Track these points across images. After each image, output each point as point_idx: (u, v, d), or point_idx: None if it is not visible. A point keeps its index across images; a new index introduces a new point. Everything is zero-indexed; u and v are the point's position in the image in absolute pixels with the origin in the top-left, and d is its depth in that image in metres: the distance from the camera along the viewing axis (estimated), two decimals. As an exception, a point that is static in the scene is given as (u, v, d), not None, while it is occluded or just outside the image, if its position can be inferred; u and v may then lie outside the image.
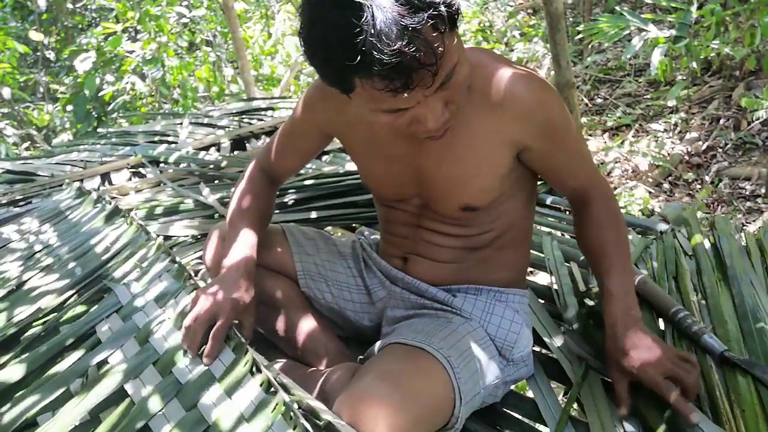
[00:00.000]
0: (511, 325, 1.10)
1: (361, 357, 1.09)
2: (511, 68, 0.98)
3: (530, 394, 1.13)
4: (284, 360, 1.19)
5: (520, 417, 1.07)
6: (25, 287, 1.43)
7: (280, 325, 1.20)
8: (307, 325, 1.19)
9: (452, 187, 1.04)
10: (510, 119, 0.97)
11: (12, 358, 1.17)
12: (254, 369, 0.96)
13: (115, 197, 1.99)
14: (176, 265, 1.31)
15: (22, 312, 1.32)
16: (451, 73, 0.83)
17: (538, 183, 1.93)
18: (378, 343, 1.06)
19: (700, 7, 3.77)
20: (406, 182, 1.09)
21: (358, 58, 0.75)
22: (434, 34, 0.77)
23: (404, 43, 0.75)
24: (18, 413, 1.01)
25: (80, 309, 1.29)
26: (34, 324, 1.28)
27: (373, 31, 0.74)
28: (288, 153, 1.23)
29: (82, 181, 2.35)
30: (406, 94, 0.80)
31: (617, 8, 4.91)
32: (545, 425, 1.03)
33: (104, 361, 1.09)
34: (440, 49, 0.78)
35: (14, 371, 1.12)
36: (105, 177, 2.42)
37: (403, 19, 0.75)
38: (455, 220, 1.08)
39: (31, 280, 1.47)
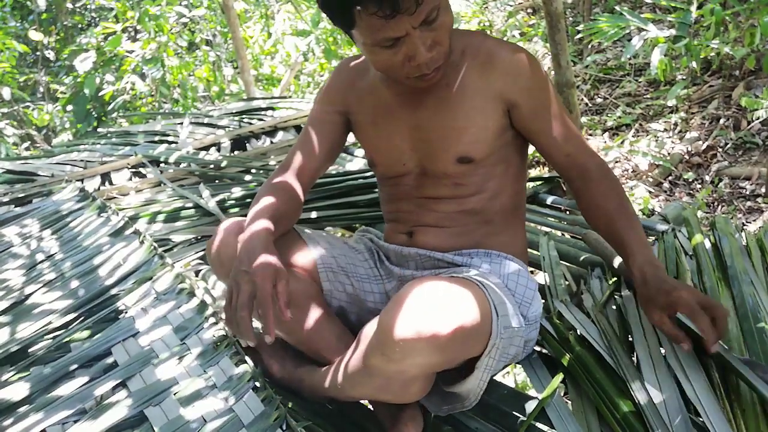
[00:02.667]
0: (528, 282, 1.15)
1: None
2: (499, 39, 1.17)
3: (532, 392, 1.13)
4: (300, 368, 1.18)
5: (521, 416, 1.07)
6: (29, 302, 1.44)
7: (297, 320, 1.16)
8: (322, 318, 1.18)
9: (448, 137, 1.14)
10: (498, 75, 1.11)
11: (15, 374, 1.17)
12: (285, 426, 1.00)
13: (122, 208, 1.99)
14: (195, 297, 1.33)
15: (26, 329, 1.32)
16: (435, 15, 0.99)
17: (539, 183, 1.96)
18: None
19: (699, 7, 3.77)
20: (406, 148, 1.18)
21: None
22: None
23: None
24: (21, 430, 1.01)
25: (87, 331, 1.29)
26: (38, 342, 1.28)
27: None
28: (309, 145, 1.27)
29: (82, 180, 2.35)
30: (395, 19, 0.94)
31: (617, 8, 4.91)
32: (550, 426, 1.04)
33: (117, 387, 1.12)
34: None
35: (18, 389, 1.12)
36: (105, 177, 2.42)
37: None
38: (451, 178, 1.16)
39: (34, 294, 1.47)
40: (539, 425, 1.04)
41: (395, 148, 1.20)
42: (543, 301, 1.35)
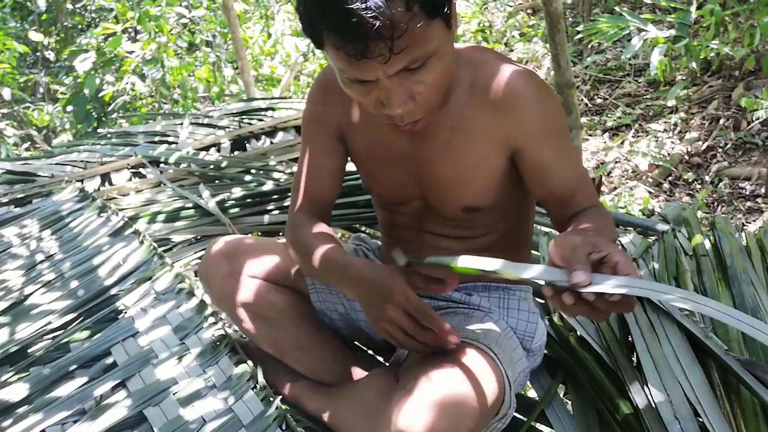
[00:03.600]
0: (529, 315, 1.11)
1: (389, 362, 1.08)
2: (513, 67, 0.95)
3: (532, 393, 1.13)
4: (298, 382, 1.16)
5: (521, 417, 1.07)
6: (28, 302, 1.44)
7: (290, 339, 1.15)
8: (316, 336, 1.17)
9: (453, 187, 1.01)
10: (507, 119, 0.94)
11: (14, 375, 1.18)
12: (284, 426, 1.00)
13: (122, 209, 1.99)
14: (194, 297, 1.32)
15: (25, 329, 1.32)
16: (423, 63, 0.80)
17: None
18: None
19: (699, 7, 3.77)
20: (408, 183, 1.06)
21: (323, 7, 0.76)
22: (400, 10, 0.75)
23: (362, 6, 0.73)
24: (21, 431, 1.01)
25: (86, 332, 1.29)
26: (37, 342, 1.28)
27: None
28: (316, 175, 1.11)
29: (82, 181, 2.35)
30: (361, 62, 0.77)
31: (617, 8, 4.91)
32: (549, 427, 1.03)
33: (117, 387, 1.12)
34: (403, 26, 0.75)
35: (17, 389, 1.12)
36: (105, 177, 2.42)
37: None
38: (458, 221, 1.06)
39: (34, 295, 1.47)
40: (539, 426, 1.04)
41: (397, 183, 1.07)
42: (542, 301, 1.35)
